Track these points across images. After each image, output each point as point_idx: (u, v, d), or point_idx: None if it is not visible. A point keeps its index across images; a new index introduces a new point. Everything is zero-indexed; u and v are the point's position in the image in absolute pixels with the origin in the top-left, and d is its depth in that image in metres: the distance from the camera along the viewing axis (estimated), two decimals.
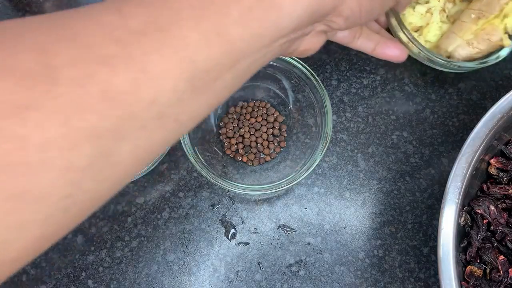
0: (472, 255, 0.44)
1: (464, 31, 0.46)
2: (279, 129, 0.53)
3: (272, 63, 0.53)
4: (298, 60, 0.50)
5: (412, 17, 0.49)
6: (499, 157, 0.46)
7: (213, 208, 0.52)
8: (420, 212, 0.51)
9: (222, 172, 0.51)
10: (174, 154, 0.53)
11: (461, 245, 0.45)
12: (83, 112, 0.19)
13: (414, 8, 0.49)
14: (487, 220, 0.45)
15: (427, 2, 0.49)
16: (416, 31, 0.50)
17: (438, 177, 0.52)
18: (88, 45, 0.20)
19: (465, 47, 0.46)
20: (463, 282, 0.44)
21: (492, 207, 0.44)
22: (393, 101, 0.55)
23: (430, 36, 0.49)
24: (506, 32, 0.47)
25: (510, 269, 0.43)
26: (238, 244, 0.51)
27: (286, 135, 0.54)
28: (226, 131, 0.53)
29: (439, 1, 0.49)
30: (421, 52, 0.48)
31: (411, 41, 0.47)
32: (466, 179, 0.42)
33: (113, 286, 0.49)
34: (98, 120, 0.20)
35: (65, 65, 0.19)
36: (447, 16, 0.50)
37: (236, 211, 0.51)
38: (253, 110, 0.54)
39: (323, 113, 0.50)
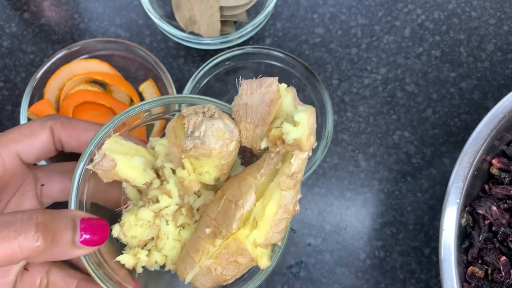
0: (474, 256, 0.44)
1: (200, 254, 0.30)
2: None
3: (272, 63, 0.52)
4: (299, 59, 0.50)
5: (135, 228, 0.32)
6: (500, 157, 0.46)
7: None
8: (422, 212, 0.51)
9: None
10: None
11: (463, 246, 0.45)
12: None
13: (136, 214, 0.32)
14: (489, 221, 0.45)
15: (155, 202, 0.32)
16: (145, 245, 0.33)
17: (439, 178, 0.52)
18: None
19: (207, 274, 0.31)
20: (465, 283, 0.43)
21: (494, 208, 0.44)
22: (394, 101, 0.54)
23: (167, 250, 0.33)
24: (258, 247, 0.30)
25: (511, 270, 0.43)
26: None
27: None
28: None
29: (171, 197, 0.32)
30: None
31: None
32: (467, 180, 0.42)
33: None
34: None
35: None
36: (192, 215, 0.33)
37: None
38: None
39: (323, 113, 0.49)
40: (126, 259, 0.32)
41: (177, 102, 0.34)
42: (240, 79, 0.29)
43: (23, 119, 0.48)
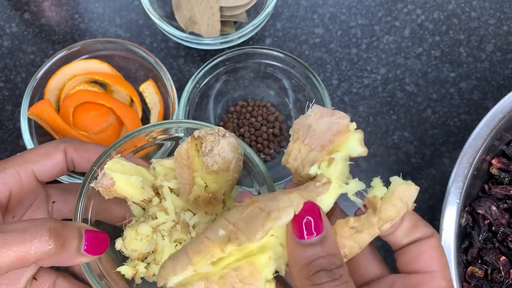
0: (474, 256, 0.44)
1: (202, 256, 0.25)
2: (279, 128, 0.53)
3: (272, 63, 0.52)
4: (299, 59, 0.50)
5: (135, 242, 0.34)
6: (500, 157, 0.46)
7: None
8: (421, 212, 0.51)
9: None
10: None
11: (463, 246, 0.45)
12: None
13: (136, 229, 0.34)
14: (488, 221, 0.45)
15: (154, 218, 0.34)
16: (145, 258, 0.35)
17: (439, 178, 0.52)
18: None
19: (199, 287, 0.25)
20: (465, 283, 0.43)
21: (494, 208, 0.44)
22: (394, 101, 0.55)
23: None
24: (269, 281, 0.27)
25: (511, 270, 0.43)
26: None
27: (286, 135, 0.53)
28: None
29: (168, 214, 0.34)
30: None
31: None
32: (467, 180, 0.42)
33: None
34: None
35: None
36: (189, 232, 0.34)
37: None
38: (253, 110, 0.54)
39: None
40: (125, 270, 0.34)
41: (177, 126, 0.36)
42: (309, 103, 0.30)
43: (23, 119, 0.48)
